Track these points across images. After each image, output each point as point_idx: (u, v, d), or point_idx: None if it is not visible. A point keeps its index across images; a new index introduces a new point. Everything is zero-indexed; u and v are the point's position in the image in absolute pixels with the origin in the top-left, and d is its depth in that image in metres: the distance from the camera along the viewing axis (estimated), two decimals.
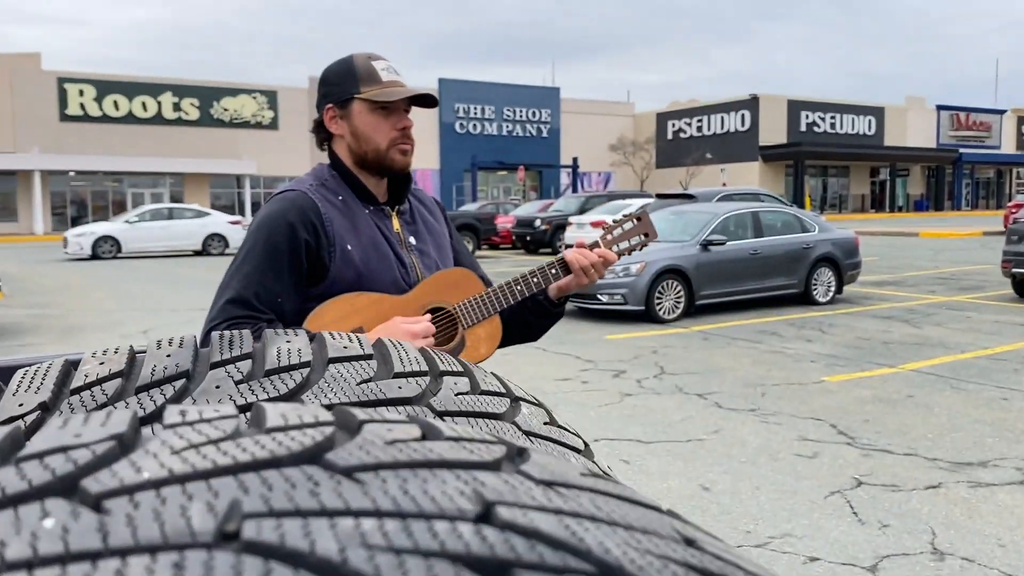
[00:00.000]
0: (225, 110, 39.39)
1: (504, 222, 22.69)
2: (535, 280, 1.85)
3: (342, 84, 1.76)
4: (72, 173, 36.70)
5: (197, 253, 22.76)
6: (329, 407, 0.38)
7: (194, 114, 38.78)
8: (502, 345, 1.96)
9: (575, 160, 39.56)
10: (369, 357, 0.54)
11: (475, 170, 39.16)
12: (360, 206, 1.78)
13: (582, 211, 20.55)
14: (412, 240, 1.85)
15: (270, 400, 0.44)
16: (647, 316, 9.86)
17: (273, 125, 40.16)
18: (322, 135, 1.82)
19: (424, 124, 42.86)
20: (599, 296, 9.96)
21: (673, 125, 49.45)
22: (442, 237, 1.95)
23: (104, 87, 37.04)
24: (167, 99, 38.20)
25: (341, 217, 1.73)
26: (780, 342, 8.51)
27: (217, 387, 0.46)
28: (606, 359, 7.67)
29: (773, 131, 45.35)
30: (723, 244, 10.58)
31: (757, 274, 10.83)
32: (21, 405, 0.43)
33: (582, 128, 47.57)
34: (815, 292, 11.24)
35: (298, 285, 1.68)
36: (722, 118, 46.78)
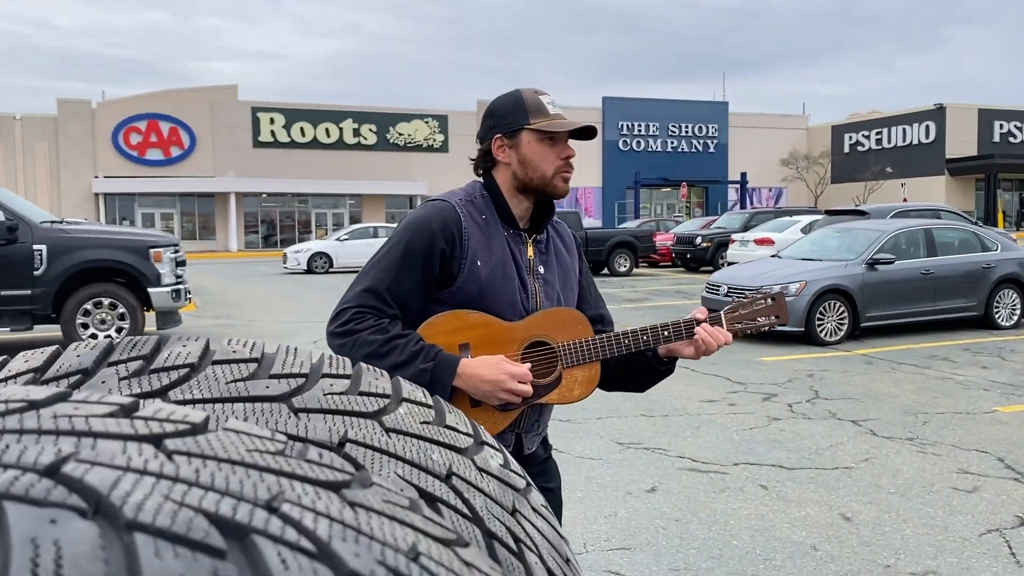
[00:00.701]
0: (400, 134, 41.35)
1: (663, 239, 22.44)
2: (644, 338, 1.89)
3: (511, 116, 1.87)
4: (264, 195, 39.68)
5: None
6: (184, 402, 0.49)
7: (372, 139, 40.96)
8: (608, 389, 2.03)
9: (743, 175, 38.53)
10: (254, 360, 0.62)
11: (638, 187, 38.97)
12: (500, 228, 1.90)
13: (746, 228, 19.98)
14: (540, 269, 1.94)
15: (143, 394, 0.55)
16: (807, 338, 9.49)
17: (443, 148, 41.73)
18: (487, 162, 1.93)
19: (587, 143, 43.07)
20: None
21: (850, 138, 47.11)
22: (570, 272, 2.03)
23: (292, 115, 39.85)
24: (348, 125, 40.58)
25: (479, 234, 1.85)
26: (951, 368, 7.96)
27: (103, 382, 0.56)
28: (757, 382, 7.46)
29: (962, 143, 42.24)
30: (891, 263, 10.02)
31: (930, 295, 10.16)
32: None
33: (752, 143, 46.25)
34: (997, 315, 10.41)
35: (426, 288, 1.82)
36: (904, 130, 44.09)
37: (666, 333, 1.90)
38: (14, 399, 0.43)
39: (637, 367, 1.99)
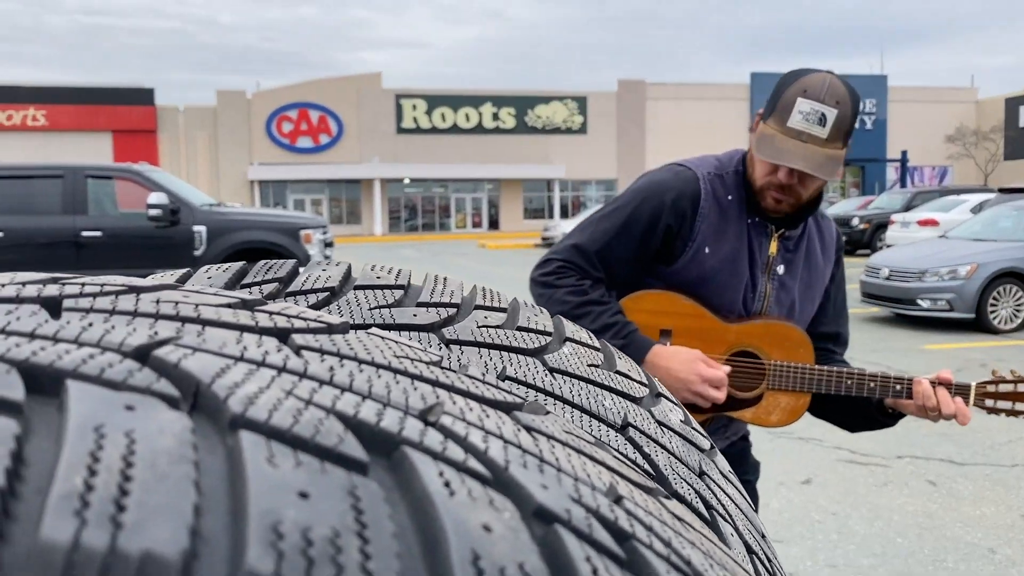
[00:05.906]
0: (538, 117, 41.37)
1: None
2: (871, 386, 1.66)
3: (770, 99, 1.65)
4: (406, 180, 40.73)
5: None
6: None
7: (510, 123, 41.19)
8: (814, 415, 1.81)
9: (904, 153, 36.23)
10: (399, 287, 0.58)
11: None
12: (743, 214, 1.68)
13: (907, 208, 18.72)
14: (780, 269, 1.72)
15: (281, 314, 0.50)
16: (977, 325, 8.76)
17: (582, 130, 41.45)
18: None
19: (734, 119, 41.79)
20: (919, 301, 9.00)
21: None
22: (819, 279, 1.79)
23: (433, 101, 40.64)
24: (487, 110, 40.97)
25: (716, 217, 1.66)
26: None
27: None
28: (921, 371, 6.92)
29: None
30: None
31: None
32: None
33: (913, 118, 43.46)
34: None
35: (640, 259, 1.67)
36: None
37: (898, 387, 1.66)
38: (112, 283, 0.37)
39: (855, 410, 1.75)
